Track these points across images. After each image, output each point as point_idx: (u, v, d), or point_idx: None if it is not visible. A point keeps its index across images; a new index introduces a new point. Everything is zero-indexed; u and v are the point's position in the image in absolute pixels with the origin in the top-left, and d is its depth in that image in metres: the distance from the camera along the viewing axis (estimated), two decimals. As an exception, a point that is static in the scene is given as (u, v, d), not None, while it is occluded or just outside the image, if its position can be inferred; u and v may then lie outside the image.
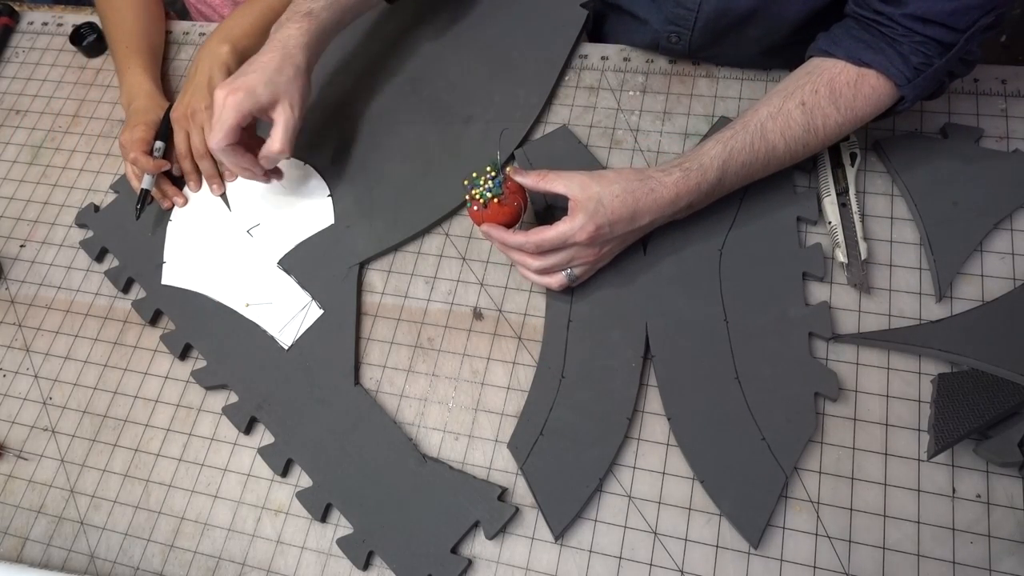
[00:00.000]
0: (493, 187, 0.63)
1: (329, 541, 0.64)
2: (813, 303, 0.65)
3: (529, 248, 0.63)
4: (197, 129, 0.77)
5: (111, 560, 0.66)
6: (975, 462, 0.59)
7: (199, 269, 0.76)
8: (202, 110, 0.76)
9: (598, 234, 0.61)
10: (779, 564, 0.58)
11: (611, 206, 0.61)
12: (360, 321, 0.72)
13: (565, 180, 0.62)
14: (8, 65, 0.97)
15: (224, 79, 0.77)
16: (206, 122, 0.76)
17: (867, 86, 0.62)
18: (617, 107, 0.78)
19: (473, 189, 0.65)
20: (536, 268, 0.64)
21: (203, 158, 0.78)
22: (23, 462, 0.71)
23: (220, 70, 0.77)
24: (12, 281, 0.81)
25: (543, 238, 0.62)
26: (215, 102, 0.67)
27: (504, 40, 0.82)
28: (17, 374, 0.76)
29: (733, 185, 0.65)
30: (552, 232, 0.61)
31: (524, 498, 0.63)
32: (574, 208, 0.61)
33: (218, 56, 0.78)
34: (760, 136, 0.63)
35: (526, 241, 0.62)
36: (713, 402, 0.62)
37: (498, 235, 0.64)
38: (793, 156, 0.65)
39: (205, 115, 0.76)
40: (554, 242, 0.62)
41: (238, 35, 0.80)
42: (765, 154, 0.63)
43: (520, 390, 0.66)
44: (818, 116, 0.62)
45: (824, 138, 0.64)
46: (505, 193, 0.64)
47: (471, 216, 0.66)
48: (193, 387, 0.72)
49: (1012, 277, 0.64)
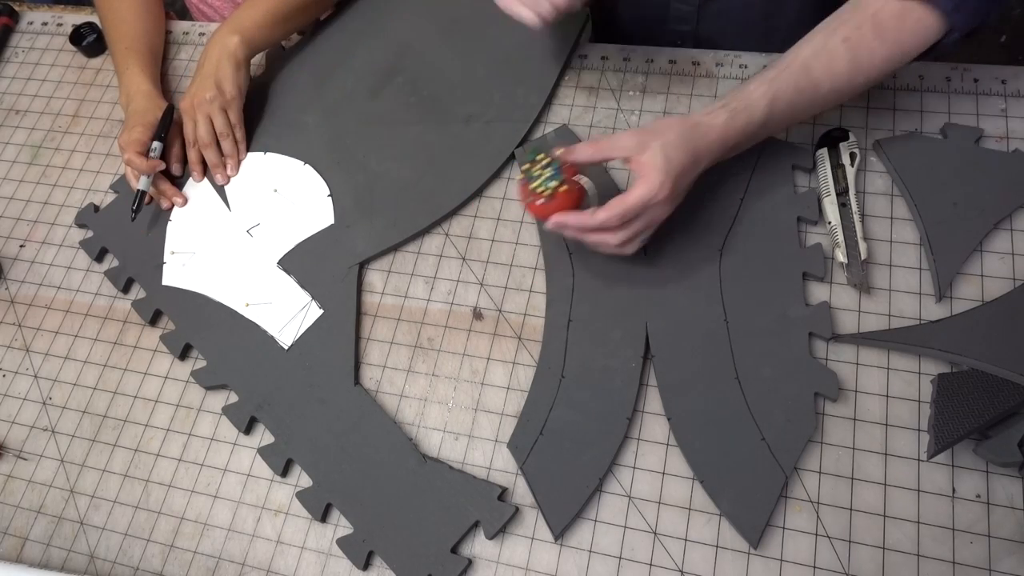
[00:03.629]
0: (554, 175, 0.61)
1: (329, 541, 0.64)
2: (813, 303, 0.65)
3: (613, 223, 0.60)
4: (204, 119, 0.78)
5: (111, 560, 0.66)
6: (975, 462, 0.59)
7: (199, 269, 0.76)
8: (209, 100, 0.77)
9: (675, 187, 0.59)
10: (779, 564, 0.58)
11: (675, 156, 0.59)
12: (360, 321, 0.72)
13: (621, 143, 0.60)
14: (8, 65, 0.97)
15: (233, 70, 0.78)
16: (214, 112, 0.78)
17: (912, 19, 0.60)
18: (617, 107, 0.78)
19: (531, 184, 0.62)
20: (618, 242, 0.62)
21: (208, 147, 0.79)
22: (23, 462, 0.71)
23: (229, 61, 0.78)
24: (12, 281, 0.81)
25: (627, 208, 0.59)
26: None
27: (504, 40, 0.82)
28: (17, 374, 0.76)
29: (778, 126, 0.64)
30: (634, 199, 0.59)
31: (524, 498, 0.63)
32: (643, 168, 0.59)
33: (227, 47, 0.78)
34: (804, 75, 0.61)
35: (610, 216, 0.59)
36: (713, 402, 0.62)
37: (576, 221, 0.61)
38: (838, 95, 0.63)
39: (213, 105, 0.78)
40: (637, 208, 0.59)
41: (248, 26, 0.80)
42: (810, 93, 0.62)
43: (520, 390, 0.66)
44: (863, 52, 0.61)
45: (869, 75, 0.62)
46: (566, 178, 0.62)
47: (534, 212, 0.63)
48: (193, 387, 0.72)
49: (1012, 277, 0.64)
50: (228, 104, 0.79)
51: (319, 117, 0.82)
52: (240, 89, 0.80)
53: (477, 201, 0.76)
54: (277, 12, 0.81)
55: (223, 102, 0.79)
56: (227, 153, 0.80)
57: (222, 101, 0.78)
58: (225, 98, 0.79)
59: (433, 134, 0.79)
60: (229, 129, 0.79)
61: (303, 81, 0.86)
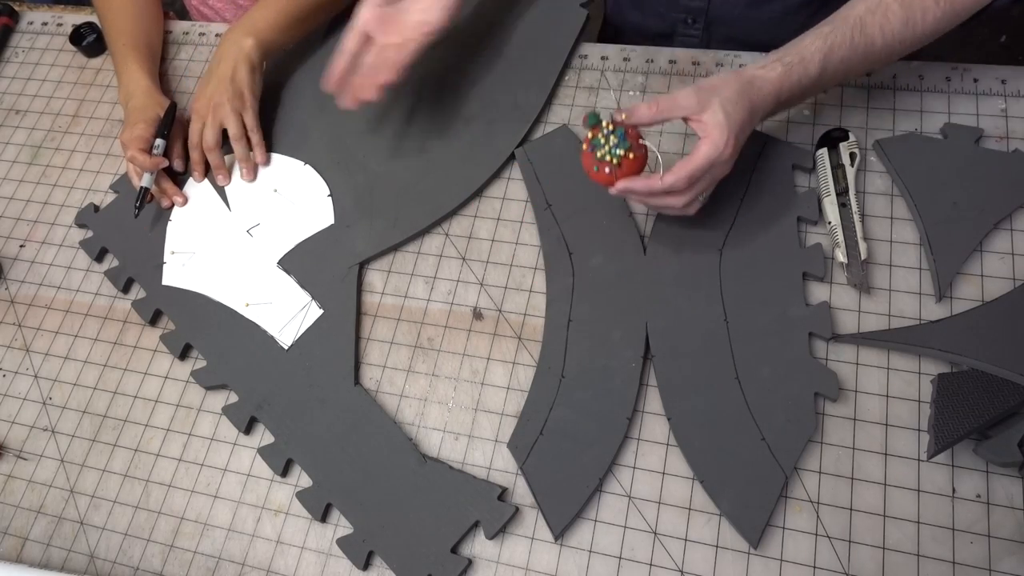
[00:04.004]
0: (620, 142, 0.60)
1: (329, 541, 0.64)
2: (813, 303, 0.65)
3: (681, 185, 0.60)
4: (216, 123, 0.78)
5: (111, 560, 0.66)
6: (975, 462, 0.59)
7: (199, 269, 0.76)
8: (225, 103, 0.77)
9: (737, 143, 0.60)
10: (779, 564, 0.58)
11: (735, 112, 0.59)
12: (360, 321, 0.72)
13: (682, 103, 0.60)
14: (8, 65, 0.97)
15: (249, 73, 0.77)
16: (228, 116, 0.77)
17: None
18: (617, 107, 0.78)
19: (597, 152, 0.61)
20: (683, 203, 0.62)
21: (212, 151, 0.79)
22: (23, 462, 0.71)
23: (244, 64, 0.77)
24: (12, 281, 0.81)
25: (695, 169, 0.59)
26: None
27: (504, 40, 0.82)
28: (17, 374, 0.76)
29: (830, 82, 0.64)
30: (700, 159, 0.59)
31: (524, 498, 0.63)
32: (706, 127, 0.59)
33: (242, 49, 0.78)
34: (859, 31, 0.62)
35: (677, 179, 0.59)
36: (713, 402, 0.62)
37: (643, 186, 0.61)
38: (890, 53, 0.64)
39: (228, 109, 0.77)
40: (704, 169, 0.59)
41: (262, 28, 0.79)
42: (864, 49, 0.62)
43: (520, 390, 0.66)
44: (917, 10, 0.61)
45: (922, 33, 0.63)
46: (632, 143, 0.61)
47: (601, 181, 0.62)
48: (193, 387, 0.72)
49: (1012, 277, 0.64)
50: (244, 108, 0.78)
51: (319, 117, 0.82)
52: (256, 94, 0.79)
53: (477, 201, 0.76)
54: (292, 13, 0.80)
55: (239, 106, 0.78)
56: (240, 157, 0.79)
57: (238, 105, 0.78)
58: (242, 103, 0.78)
59: (433, 134, 0.79)
60: (243, 132, 0.79)
61: (303, 81, 0.86)
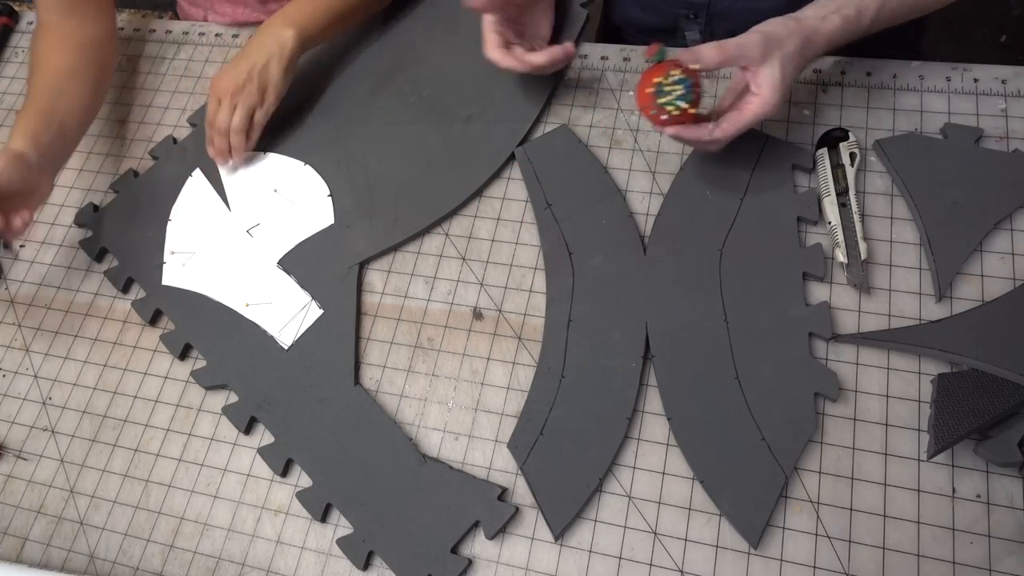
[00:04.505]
0: (685, 95, 0.61)
1: (329, 541, 0.64)
2: (813, 303, 0.65)
3: (728, 138, 0.63)
4: (229, 107, 0.75)
5: (111, 560, 0.66)
6: (975, 462, 0.59)
7: (199, 269, 0.76)
8: (246, 92, 0.75)
9: (784, 97, 0.63)
10: (779, 564, 0.58)
11: (790, 69, 0.62)
12: (360, 321, 0.72)
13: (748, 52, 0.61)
14: (8, 65, 0.97)
15: (281, 72, 0.75)
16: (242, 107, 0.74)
17: None
18: (617, 107, 0.78)
19: (660, 99, 0.61)
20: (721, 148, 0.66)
21: (222, 135, 0.76)
22: (23, 462, 0.71)
23: (279, 61, 0.75)
24: (12, 281, 0.81)
25: (744, 124, 0.62)
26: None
27: (504, 40, 0.82)
28: (17, 374, 0.76)
29: (877, 29, 0.66)
30: (750, 116, 0.62)
31: (524, 498, 0.63)
32: (761, 83, 0.61)
33: (282, 42, 0.75)
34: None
35: (726, 135, 0.63)
36: (713, 402, 0.62)
37: (692, 135, 0.64)
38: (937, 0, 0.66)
39: (245, 97, 0.74)
40: (752, 124, 0.63)
41: (303, 21, 0.76)
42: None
43: (520, 390, 0.66)
44: None
45: None
46: (695, 99, 0.62)
47: (652, 120, 0.63)
48: (193, 387, 0.72)
49: (1012, 277, 0.64)
50: (261, 105, 0.76)
51: (319, 117, 0.82)
52: (279, 96, 0.77)
53: (477, 201, 0.76)
54: (335, 9, 0.77)
55: (257, 101, 0.75)
56: (234, 146, 0.77)
57: (257, 100, 0.75)
58: (262, 99, 0.76)
59: (433, 134, 0.79)
60: (247, 127, 0.76)
61: (303, 81, 0.85)
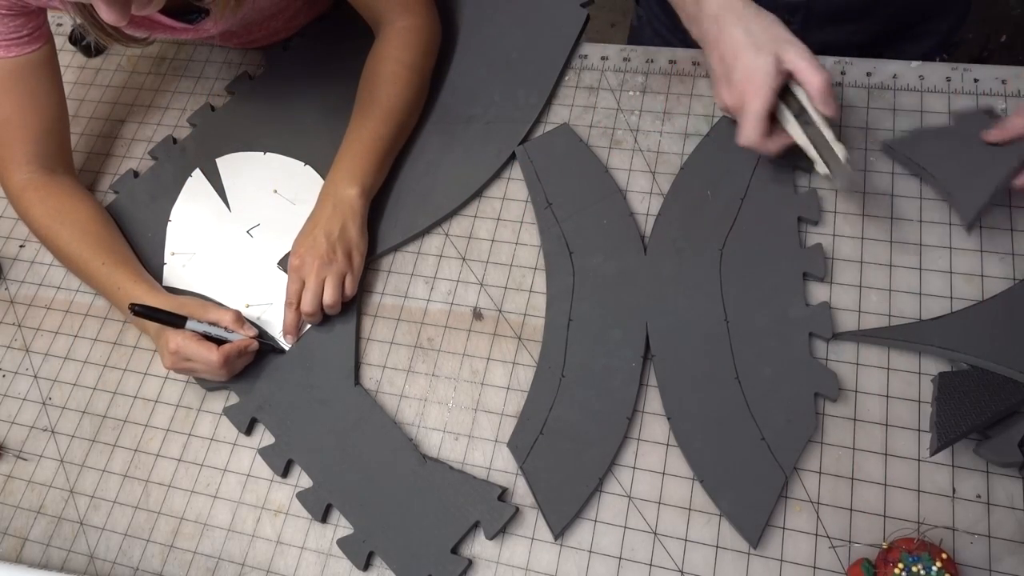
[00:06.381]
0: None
1: (329, 541, 0.64)
2: (813, 303, 0.65)
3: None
4: (318, 283, 0.69)
5: (111, 560, 0.66)
6: (975, 462, 0.59)
7: (199, 269, 0.76)
8: (332, 264, 0.69)
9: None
10: (779, 564, 0.58)
11: None
12: (360, 321, 0.72)
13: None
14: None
15: (359, 232, 0.71)
16: (331, 279, 0.68)
17: None
18: (617, 107, 0.78)
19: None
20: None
21: (312, 315, 0.69)
22: (23, 462, 0.71)
23: (354, 221, 0.70)
24: (12, 281, 0.81)
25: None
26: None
27: (504, 40, 0.82)
28: (17, 374, 0.76)
29: None
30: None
31: (524, 498, 0.63)
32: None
33: (350, 203, 0.71)
34: None
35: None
36: (713, 402, 0.62)
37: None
38: None
39: (334, 270, 0.69)
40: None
41: (361, 176, 0.72)
42: None
43: (520, 390, 0.66)
44: None
45: None
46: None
47: None
48: (193, 387, 0.72)
49: (1012, 277, 0.64)
50: (351, 273, 0.70)
51: (319, 117, 0.82)
52: (364, 256, 0.71)
53: (477, 201, 0.76)
54: (381, 156, 0.74)
55: (345, 269, 0.69)
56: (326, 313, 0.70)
57: (344, 268, 0.69)
58: (350, 266, 0.70)
59: (433, 134, 0.79)
60: (339, 299, 0.69)
61: (303, 81, 0.86)
